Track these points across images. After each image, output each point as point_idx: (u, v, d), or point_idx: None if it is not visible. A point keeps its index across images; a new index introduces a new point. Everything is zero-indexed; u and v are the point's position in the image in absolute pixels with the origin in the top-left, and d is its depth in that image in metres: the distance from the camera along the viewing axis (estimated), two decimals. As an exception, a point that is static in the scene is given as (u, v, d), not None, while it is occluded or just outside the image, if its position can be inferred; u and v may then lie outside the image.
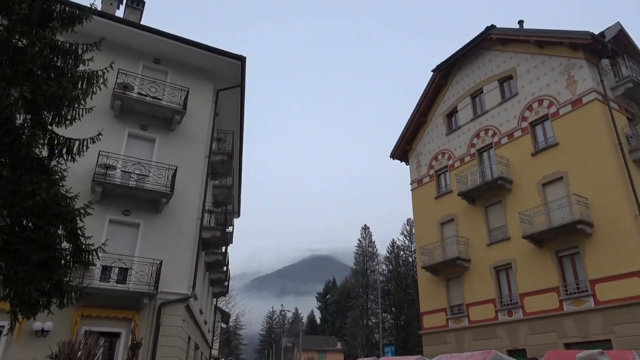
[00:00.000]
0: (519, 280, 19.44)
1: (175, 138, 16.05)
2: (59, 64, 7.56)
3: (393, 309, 59.19)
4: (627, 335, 15.22)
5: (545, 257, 18.61)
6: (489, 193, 21.56)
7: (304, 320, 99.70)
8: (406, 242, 61.07)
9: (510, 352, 17.86)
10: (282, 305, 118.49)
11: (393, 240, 64.09)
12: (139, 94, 15.61)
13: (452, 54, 25.43)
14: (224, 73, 17.84)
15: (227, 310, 40.86)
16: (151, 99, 15.60)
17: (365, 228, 70.11)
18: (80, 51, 7.80)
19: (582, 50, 19.21)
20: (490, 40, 23.57)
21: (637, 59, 20.64)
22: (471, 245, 22.09)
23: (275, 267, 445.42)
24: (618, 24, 20.59)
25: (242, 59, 17.45)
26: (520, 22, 24.15)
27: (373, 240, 68.99)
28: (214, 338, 33.36)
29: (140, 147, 15.40)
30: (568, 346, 16.86)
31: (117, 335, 12.93)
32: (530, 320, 18.57)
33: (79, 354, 8.13)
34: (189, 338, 15.82)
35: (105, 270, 13.17)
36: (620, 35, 20.36)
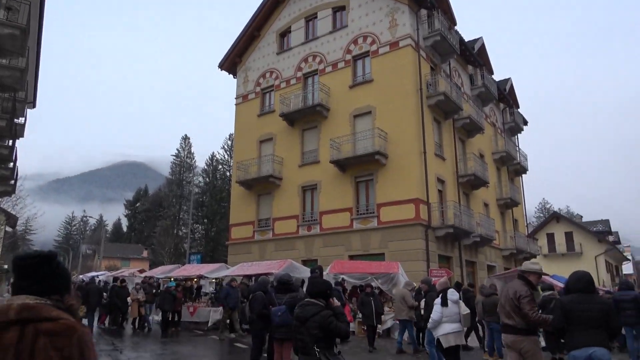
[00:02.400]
0: (321, 200, 21.45)
1: (-57, -6, 12.58)
2: None
3: (205, 220, 59.93)
4: (396, 250, 18.37)
5: (346, 181, 20.79)
6: (307, 117, 22.67)
7: (109, 227, 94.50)
8: (226, 156, 61.15)
9: (304, 262, 19.96)
10: (84, 211, 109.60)
11: (213, 153, 63.59)
12: None
13: (294, -29, 24.89)
14: None
15: (14, 213, 35.93)
16: None
17: (186, 138, 67.78)
18: None
19: (407, -4, 20.71)
20: (331, -35, 23.63)
21: (449, 15, 23.22)
22: (285, 164, 23.28)
23: (79, 170, 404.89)
24: (439, -21, 22.56)
25: None
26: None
27: (192, 151, 67.29)
28: (-6, 242, 29.40)
29: None
30: (352, 257, 19.60)
31: None
32: (325, 235, 20.89)
33: None
34: (-44, 239, 13.58)
35: None
36: (439, -9, 22.46)
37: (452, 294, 7.53)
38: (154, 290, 16.73)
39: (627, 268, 60.46)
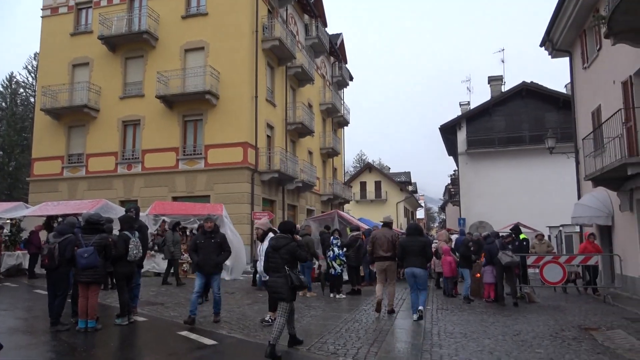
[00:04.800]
0: (145, 137, 20.05)
1: None
2: None
3: (1, 152, 51.09)
4: (222, 193, 18.42)
5: (173, 119, 19.72)
6: (132, 44, 20.52)
7: None
8: (30, 79, 52.07)
9: (122, 202, 18.69)
10: None
11: (12, 74, 53.35)
12: None
13: None
14: None
15: None
16: None
17: (-27, 51, 55.44)
18: None
19: None
20: None
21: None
22: (103, 95, 20.93)
23: None
24: None
25: None
26: None
27: (-17, 68, 55.64)
28: None
29: None
30: (175, 199, 19.01)
31: None
32: (148, 174, 19.75)
33: None
34: None
35: None
36: None
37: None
38: None
39: (420, 213, 71.56)
